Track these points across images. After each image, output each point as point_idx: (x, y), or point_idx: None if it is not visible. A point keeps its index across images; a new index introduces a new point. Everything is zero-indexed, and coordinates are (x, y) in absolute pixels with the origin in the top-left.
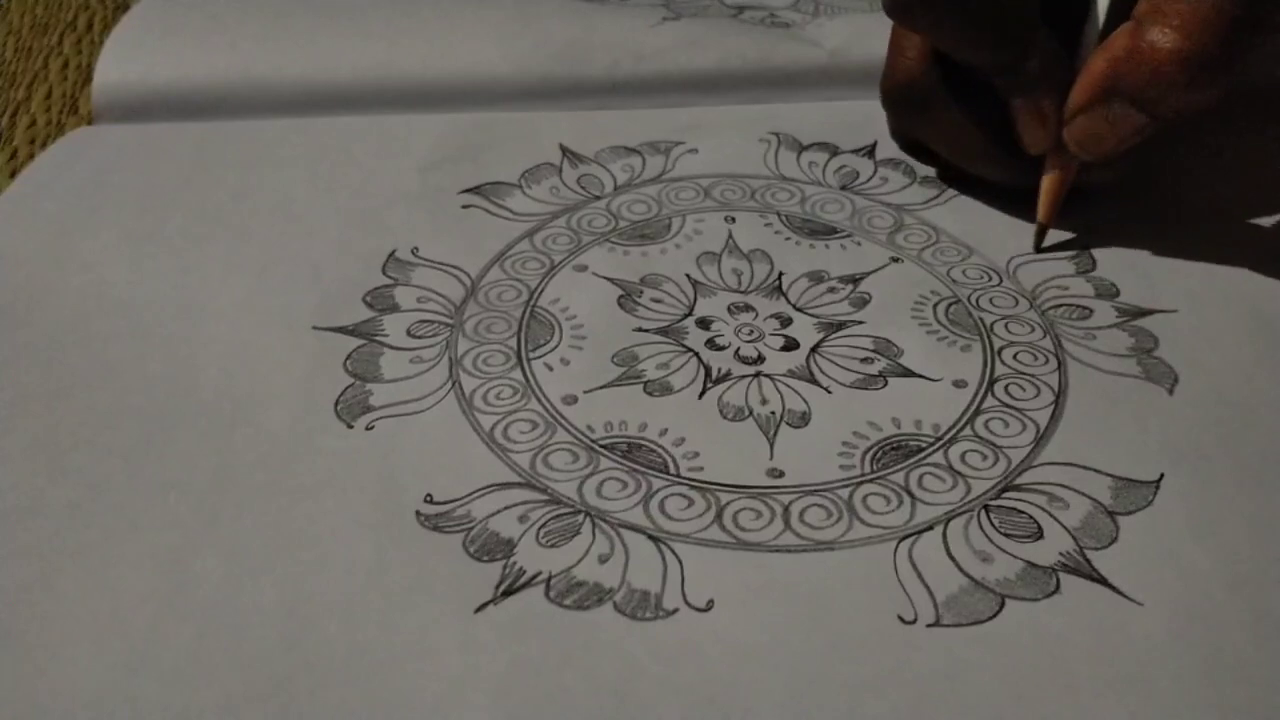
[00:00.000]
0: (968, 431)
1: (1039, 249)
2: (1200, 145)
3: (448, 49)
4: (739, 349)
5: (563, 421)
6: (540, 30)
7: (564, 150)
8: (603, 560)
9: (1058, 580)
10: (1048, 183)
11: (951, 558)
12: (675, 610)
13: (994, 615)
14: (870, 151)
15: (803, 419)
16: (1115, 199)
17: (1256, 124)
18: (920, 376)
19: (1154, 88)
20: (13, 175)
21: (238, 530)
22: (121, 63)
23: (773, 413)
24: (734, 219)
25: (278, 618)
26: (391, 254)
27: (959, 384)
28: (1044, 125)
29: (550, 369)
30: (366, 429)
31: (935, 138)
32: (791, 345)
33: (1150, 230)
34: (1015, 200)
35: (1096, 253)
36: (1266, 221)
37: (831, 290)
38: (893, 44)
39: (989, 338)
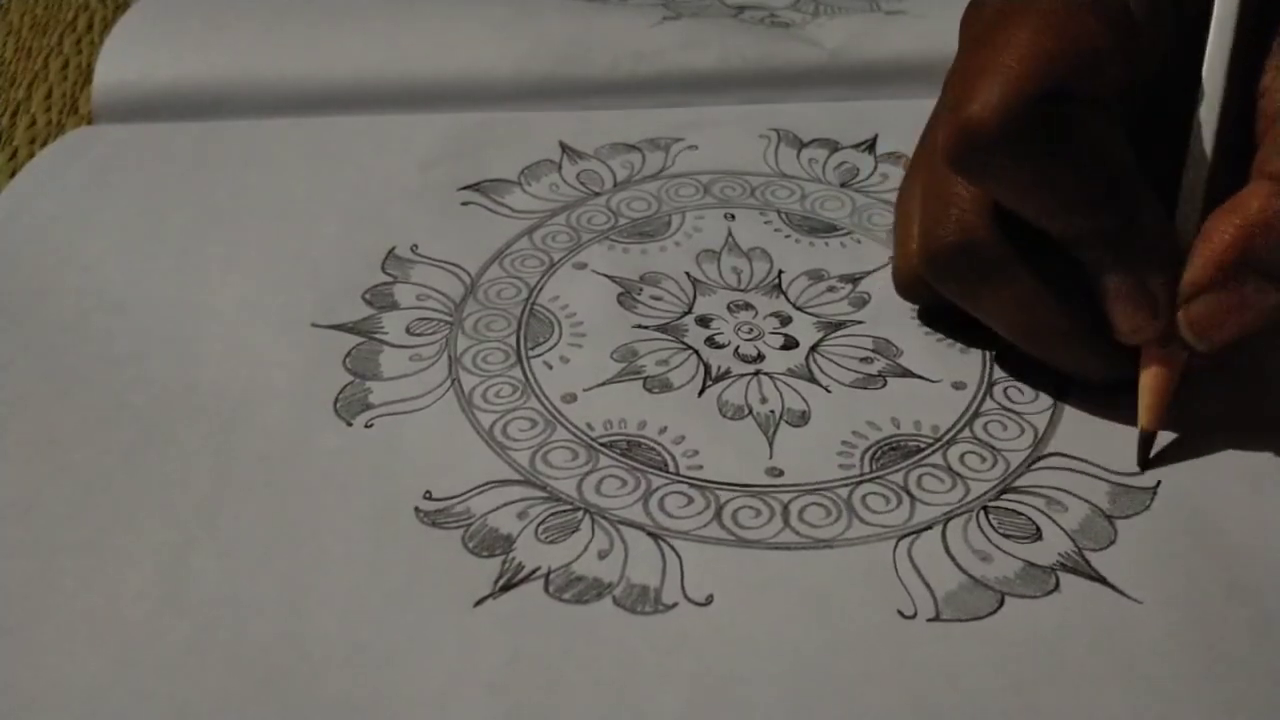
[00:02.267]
0: (966, 433)
1: (1145, 465)
2: None
3: (448, 49)
4: (738, 347)
5: (562, 419)
6: (540, 30)
7: (563, 147)
8: (602, 556)
9: (1057, 579)
10: (1152, 381)
11: (951, 556)
12: (675, 605)
13: (994, 611)
14: (870, 146)
15: (802, 418)
16: None
17: None
18: (920, 377)
19: None
20: (13, 175)
21: (237, 527)
22: (121, 63)
23: (772, 411)
24: (733, 216)
25: (276, 614)
26: (391, 251)
27: (958, 385)
28: (1151, 309)
29: (550, 367)
30: (366, 426)
31: (997, 315)
32: (791, 344)
33: None
34: None
35: None
36: None
37: (831, 289)
38: (932, 194)
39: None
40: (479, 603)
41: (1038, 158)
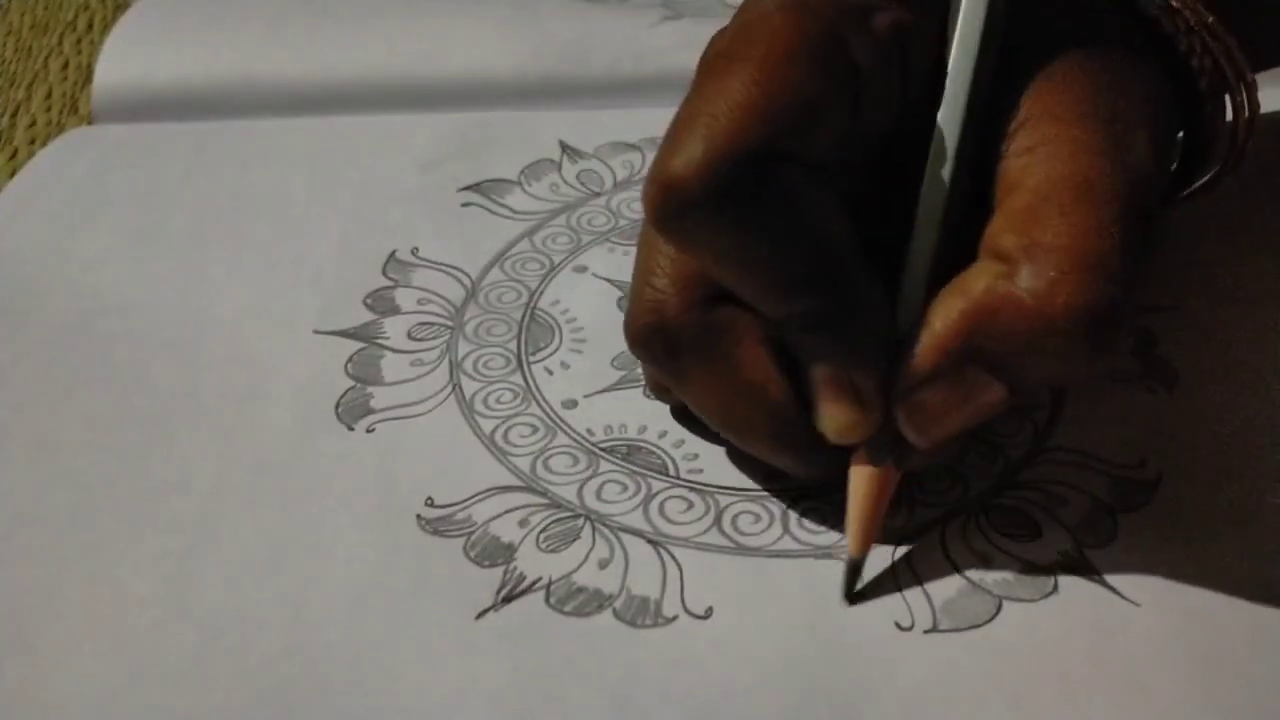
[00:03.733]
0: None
1: (851, 597)
2: None
3: (448, 49)
4: None
5: (563, 426)
6: (540, 30)
7: (563, 147)
8: (603, 565)
9: (1056, 581)
10: (860, 502)
11: (949, 559)
12: (675, 617)
13: (991, 618)
14: None
15: None
16: None
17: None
18: None
19: (1033, 352)
20: (13, 175)
21: (239, 533)
22: (121, 63)
23: None
24: None
25: (280, 623)
26: (392, 255)
27: None
28: (861, 406)
29: (550, 373)
30: (367, 431)
31: (692, 400)
32: None
33: None
34: None
35: None
36: (1268, 217)
37: None
38: (640, 256)
39: None
40: (481, 614)
41: (741, 225)
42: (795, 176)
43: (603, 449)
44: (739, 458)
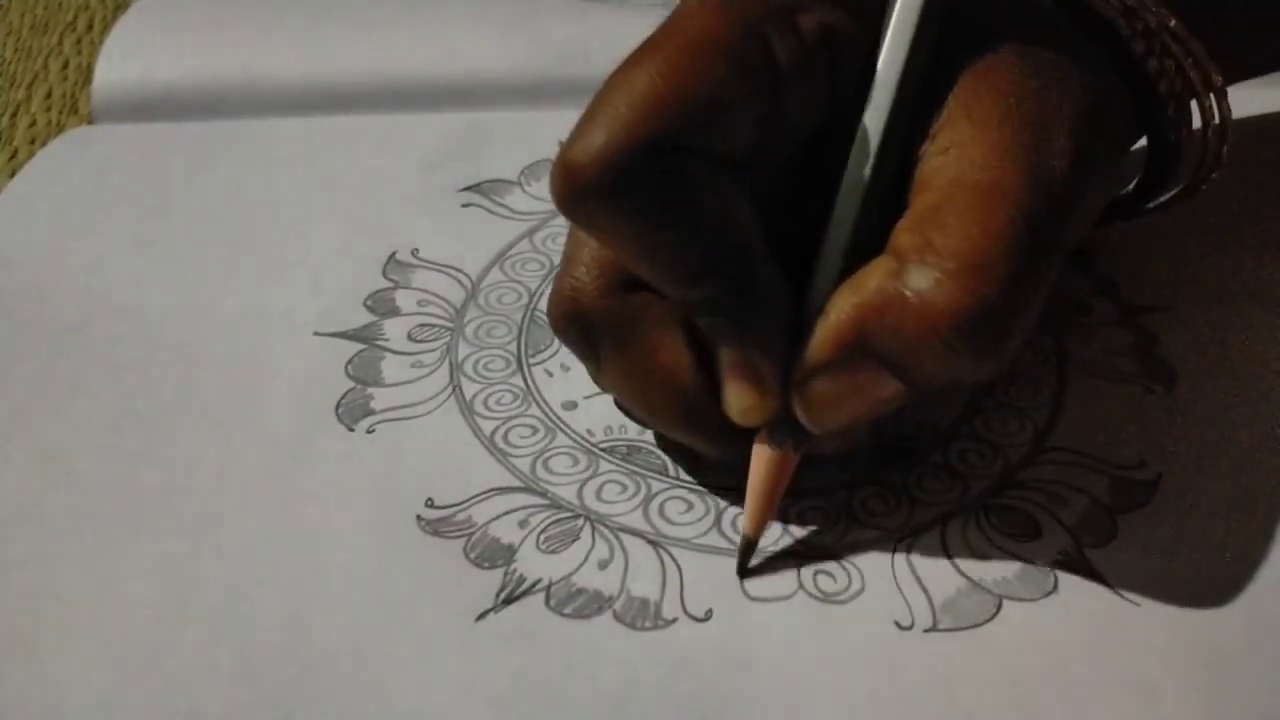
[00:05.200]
0: (966, 430)
1: (745, 571)
2: None
3: (448, 49)
4: None
5: (563, 427)
6: (540, 30)
7: (562, 144)
8: (603, 566)
9: (1055, 580)
10: (758, 482)
11: (949, 558)
12: (674, 620)
13: (991, 618)
14: None
15: None
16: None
17: (1254, 118)
18: None
19: (917, 351)
20: (13, 175)
21: (240, 535)
22: (121, 63)
23: None
24: None
25: (281, 625)
26: (392, 255)
27: None
28: (759, 388)
29: (550, 374)
30: (368, 433)
31: (610, 385)
32: None
33: (1149, 226)
34: None
35: (1095, 249)
36: (1267, 217)
37: None
38: (567, 249)
39: None
40: (481, 617)
41: (641, 214)
42: (698, 167)
43: (603, 450)
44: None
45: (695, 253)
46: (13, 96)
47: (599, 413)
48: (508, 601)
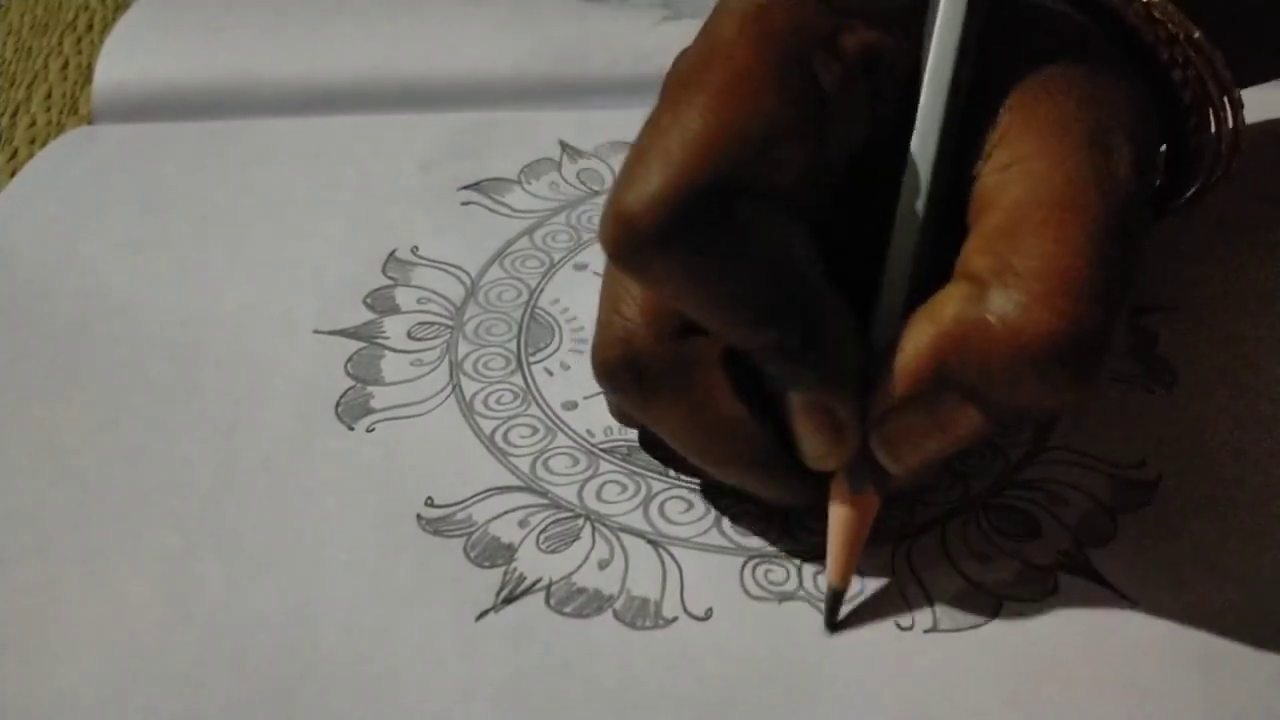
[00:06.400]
0: None
1: (833, 626)
2: None
3: (448, 49)
4: None
5: (563, 426)
6: (540, 30)
7: (563, 145)
8: (602, 566)
9: (1055, 580)
10: (840, 530)
11: (949, 559)
12: (675, 619)
13: (991, 618)
14: None
15: None
16: None
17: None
18: None
19: (1006, 380)
20: (13, 175)
21: (239, 533)
22: (121, 63)
23: None
24: None
25: (280, 624)
26: (391, 254)
27: None
28: (837, 432)
29: (550, 374)
30: (368, 431)
31: (669, 433)
32: None
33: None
34: None
35: None
36: (1267, 218)
37: None
38: (606, 287)
39: None
40: (481, 616)
41: (700, 261)
42: (756, 208)
43: (603, 450)
44: None
45: (757, 298)
46: (13, 96)
47: (599, 413)
48: (508, 601)
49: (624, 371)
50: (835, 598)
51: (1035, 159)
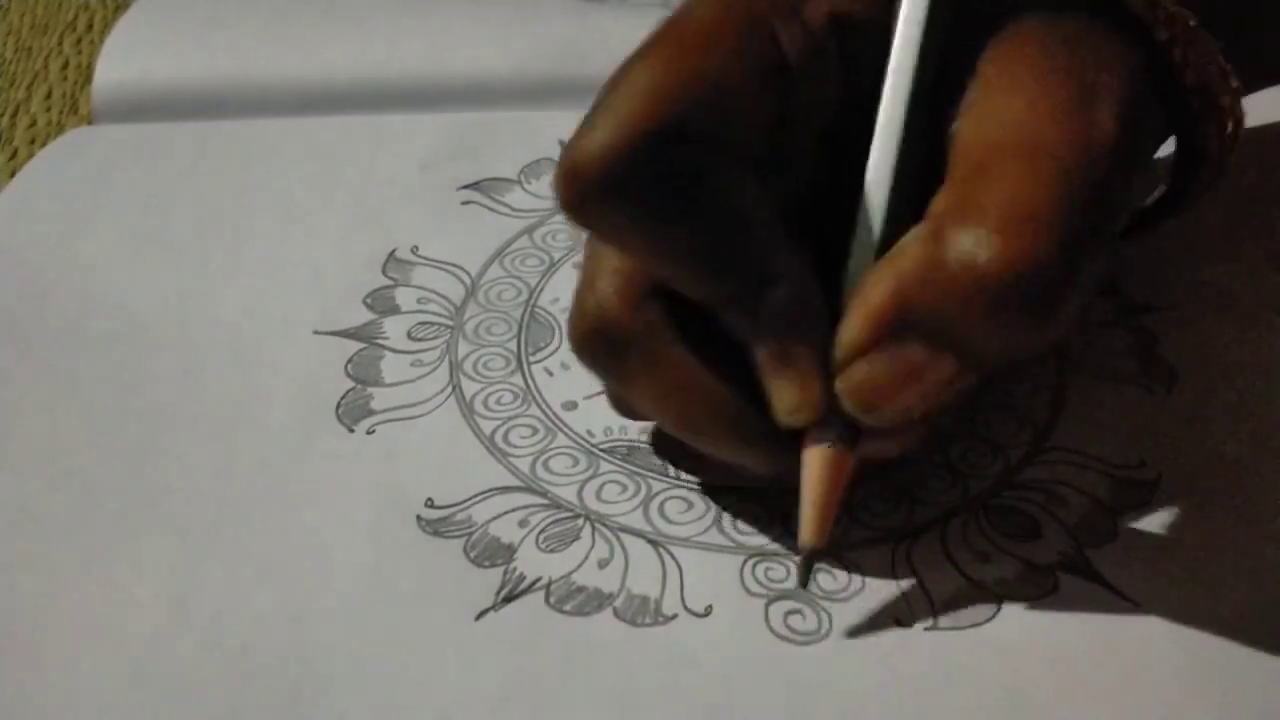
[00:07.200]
0: (966, 430)
1: (806, 583)
2: None
3: (448, 49)
4: None
5: (563, 427)
6: (540, 30)
7: (563, 145)
8: (602, 565)
9: (1056, 580)
10: (813, 486)
11: (949, 558)
12: (675, 616)
13: (991, 617)
14: None
15: None
16: None
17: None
18: None
19: (964, 318)
20: (13, 175)
21: (239, 535)
22: (121, 63)
23: None
24: None
25: (281, 625)
26: (391, 254)
27: None
28: (801, 381)
29: (550, 374)
30: (368, 433)
31: (643, 401)
32: None
33: None
34: None
35: None
36: (1267, 217)
37: None
38: (586, 267)
39: None
40: (481, 615)
41: (650, 211)
42: (708, 160)
43: (603, 450)
44: None
45: (709, 247)
46: (13, 96)
47: (599, 413)
48: (508, 600)
49: (596, 340)
50: (809, 557)
51: (1008, 106)
